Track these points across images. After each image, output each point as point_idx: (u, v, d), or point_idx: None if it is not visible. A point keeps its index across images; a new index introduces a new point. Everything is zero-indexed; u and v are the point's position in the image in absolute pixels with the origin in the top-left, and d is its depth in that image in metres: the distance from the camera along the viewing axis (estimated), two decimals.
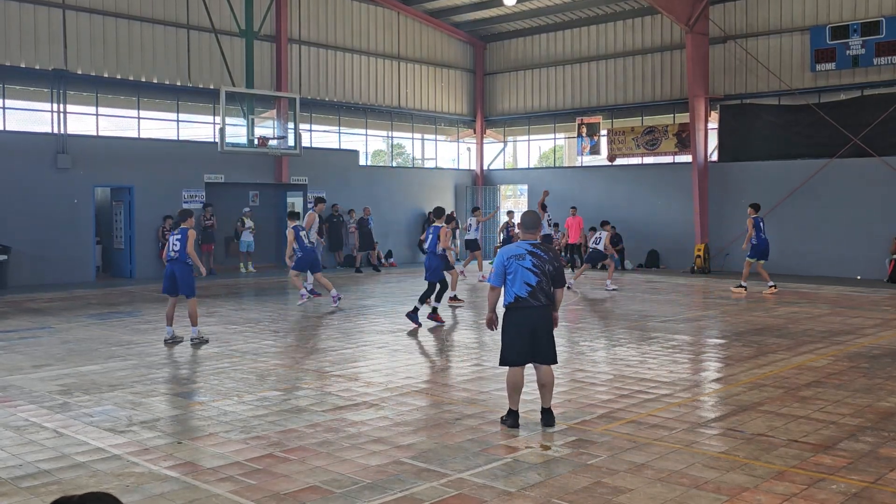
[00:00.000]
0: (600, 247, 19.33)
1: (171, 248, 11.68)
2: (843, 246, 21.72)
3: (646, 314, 14.73)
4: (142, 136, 22.06)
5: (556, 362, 7.19)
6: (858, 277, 21.17)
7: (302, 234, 15.55)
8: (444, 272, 13.69)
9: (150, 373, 9.46)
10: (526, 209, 24.01)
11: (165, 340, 11.56)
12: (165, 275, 11.79)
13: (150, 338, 12.03)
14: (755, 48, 23.41)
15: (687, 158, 24.56)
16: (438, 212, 14.30)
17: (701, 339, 12.12)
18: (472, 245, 21.48)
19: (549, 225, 20.64)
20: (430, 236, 13.64)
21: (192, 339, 11.52)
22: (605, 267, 20.71)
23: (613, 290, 18.53)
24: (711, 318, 14.41)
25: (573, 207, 23.11)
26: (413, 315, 13.00)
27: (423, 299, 13.28)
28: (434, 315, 13.34)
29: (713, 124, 24.32)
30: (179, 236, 11.67)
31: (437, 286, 13.36)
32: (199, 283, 19.65)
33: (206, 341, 11.56)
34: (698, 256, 23.40)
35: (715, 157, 24.37)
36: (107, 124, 21.93)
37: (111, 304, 15.95)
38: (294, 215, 16.06)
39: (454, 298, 15.73)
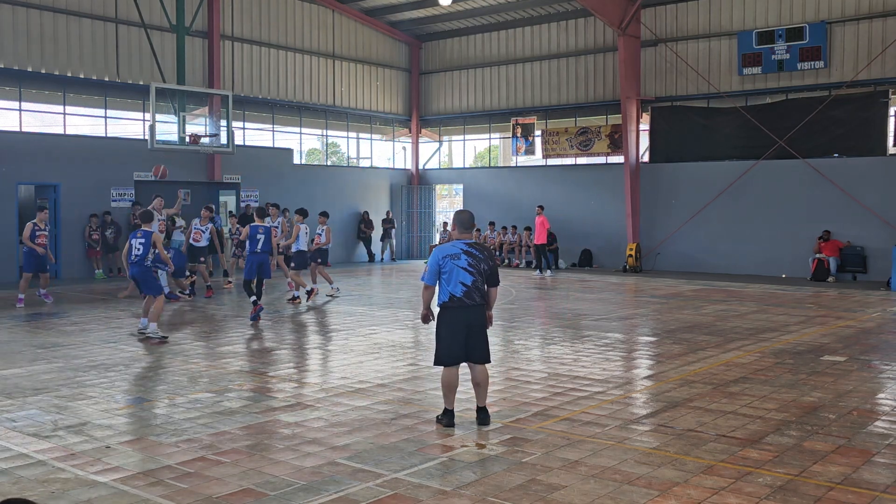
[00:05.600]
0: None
1: (133, 251, 11.84)
2: (769, 245, 22.33)
3: (579, 313, 14.92)
4: (68, 132, 21.46)
5: (490, 361, 7.23)
6: (783, 276, 21.79)
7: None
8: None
9: (76, 376, 9.20)
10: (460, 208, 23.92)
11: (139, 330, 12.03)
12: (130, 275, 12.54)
13: (76, 340, 11.70)
14: (685, 51, 23.91)
15: (619, 159, 24.95)
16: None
17: (633, 337, 12.32)
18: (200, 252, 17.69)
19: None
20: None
21: (147, 334, 11.69)
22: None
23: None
24: (643, 316, 14.66)
25: (540, 206, 23.25)
26: None
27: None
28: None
29: (644, 126, 24.75)
30: (143, 239, 11.75)
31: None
32: (127, 282, 19.25)
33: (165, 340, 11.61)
34: (630, 256, 23.79)
35: (646, 158, 24.81)
36: (31, 120, 21.29)
37: (36, 304, 15.48)
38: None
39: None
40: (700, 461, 6.13)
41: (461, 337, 6.98)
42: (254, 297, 13.53)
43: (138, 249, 11.70)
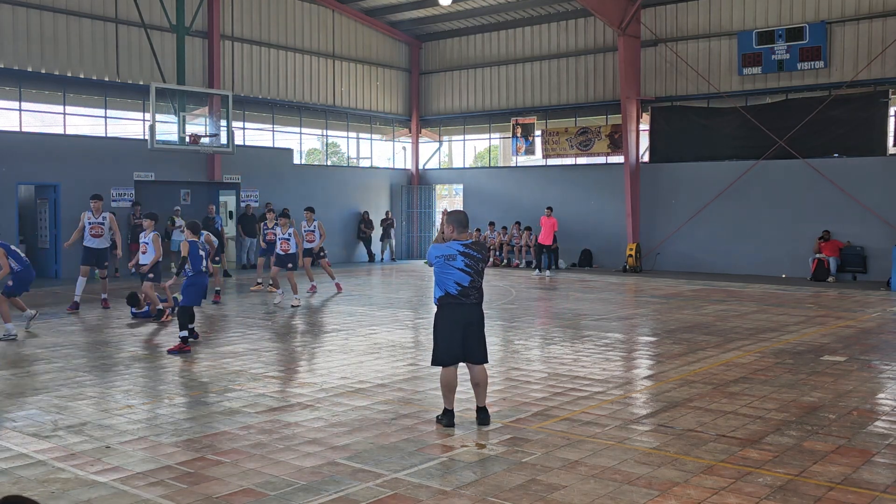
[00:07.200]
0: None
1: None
2: (769, 245, 22.33)
3: (579, 313, 14.91)
4: (68, 132, 21.46)
5: (487, 361, 7.22)
6: (783, 276, 21.79)
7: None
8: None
9: (76, 376, 9.20)
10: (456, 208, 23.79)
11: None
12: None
13: (76, 340, 11.71)
14: (685, 51, 23.90)
15: (619, 159, 24.95)
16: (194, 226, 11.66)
17: (633, 337, 12.32)
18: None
19: None
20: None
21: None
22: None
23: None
24: (643, 316, 14.66)
25: (549, 207, 23.28)
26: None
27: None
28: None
29: (645, 126, 24.75)
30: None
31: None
32: (126, 283, 19.26)
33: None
34: (630, 256, 23.79)
35: (646, 158, 24.81)
36: (31, 120, 21.29)
37: (35, 305, 15.44)
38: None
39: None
40: (700, 461, 6.13)
41: (458, 336, 6.97)
42: (185, 333, 10.82)
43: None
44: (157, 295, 13.73)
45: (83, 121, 22.26)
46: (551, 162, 27.22)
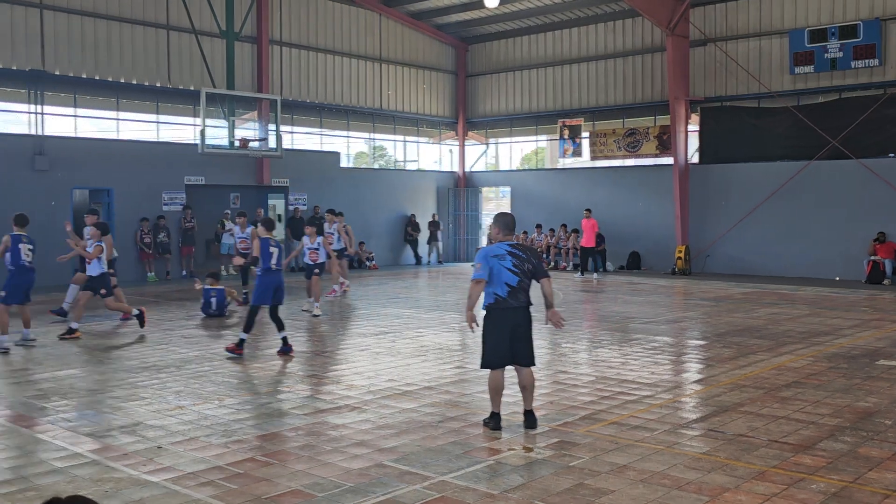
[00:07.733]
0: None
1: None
2: (822, 247, 21.89)
3: (627, 316, 14.78)
4: (121, 137, 21.90)
5: (535, 364, 7.18)
6: (837, 279, 21.34)
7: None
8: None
9: (129, 377, 9.38)
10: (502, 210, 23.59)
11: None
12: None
13: (129, 341, 11.93)
14: (735, 51, 23.57)
15: (668, 160, 24.67)
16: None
17: (682, 341, 12.17)
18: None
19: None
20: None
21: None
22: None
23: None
24: (692, 319, 14.47)
25: (587, 209, 23.20)
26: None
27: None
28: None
29: (694, 126, 24.44)
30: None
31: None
32: (178, 285, 19.55)
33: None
34: (679, 258, 23.50)
35: (695, 159, 24.50)
36: (85, 125, 21.75)
37: (89, 307, 15.72)
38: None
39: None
40: (751, 467, 6.03)
41: (506, 339, 6.96)
42: (245, 336, 10.76)
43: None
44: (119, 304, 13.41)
45: (136, 126, 22.69)
46: (598, 164, 27.02)
